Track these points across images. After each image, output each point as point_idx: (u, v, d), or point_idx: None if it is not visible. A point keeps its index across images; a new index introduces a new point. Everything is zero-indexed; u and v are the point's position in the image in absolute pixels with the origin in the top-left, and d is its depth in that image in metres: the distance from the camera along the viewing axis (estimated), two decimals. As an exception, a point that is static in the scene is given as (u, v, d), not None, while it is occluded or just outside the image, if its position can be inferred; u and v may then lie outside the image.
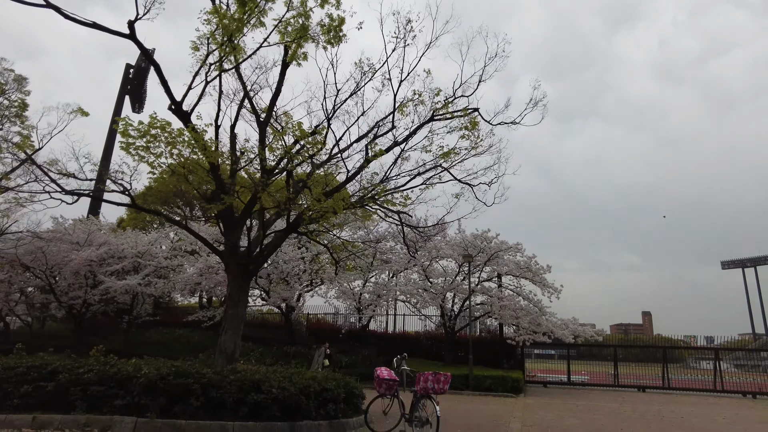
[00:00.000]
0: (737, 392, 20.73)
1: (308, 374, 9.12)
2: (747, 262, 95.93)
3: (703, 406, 16.10)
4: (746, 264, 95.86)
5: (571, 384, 22.10)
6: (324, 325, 24.73)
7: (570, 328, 19.42)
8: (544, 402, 15.37)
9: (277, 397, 7.93)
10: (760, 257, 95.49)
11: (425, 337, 23.45)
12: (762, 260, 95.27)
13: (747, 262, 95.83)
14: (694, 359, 35.79)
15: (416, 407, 7.84)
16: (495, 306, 19.32)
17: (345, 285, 21.44)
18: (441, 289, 20.38)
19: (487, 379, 17.55)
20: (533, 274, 19.23)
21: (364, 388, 10.64)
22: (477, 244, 19.56)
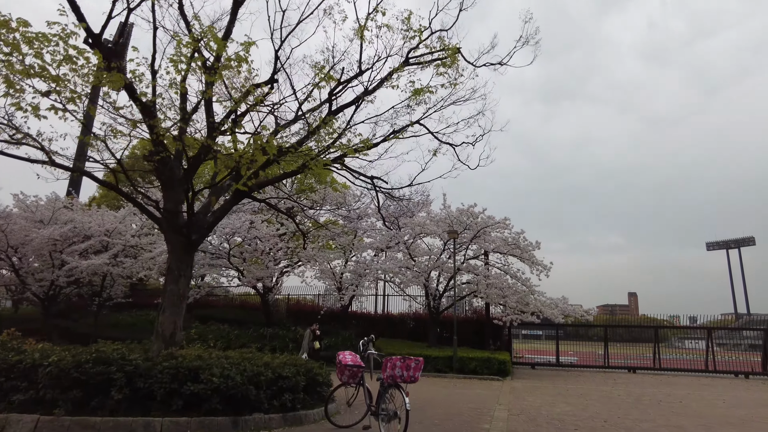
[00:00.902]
0: (729, 372, 19.82)
1: (263, 360, 7.78)
2: (731, 243, 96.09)
3: (698, 387, 15.08)
4: (730, 245, 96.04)
5: (560, 365, 21.07)
6: (305, 307, 23.45)
7: (559, 307, 18.27)
8: (532, 385, 14.23)
9: (219, 387, 6.60)
10: (744, 238, 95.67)
11: (409, 318, 22.24)
12: (745, 241, 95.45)
13: (731, 244, 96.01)
14: (678, 338, 35.19)
15: (383, 398, 6.55)
16: (481, 285, 18.09)
17: (325, 265, 20.10)
18: (425, 268, 19.10)
19: (472, 362, 16.39)
20: (521, 251, 17.98)
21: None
22: (462, 220, 18.25)
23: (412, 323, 21.99)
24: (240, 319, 22.36)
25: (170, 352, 7.15)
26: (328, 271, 20.20)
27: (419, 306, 22.45)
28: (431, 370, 16.53)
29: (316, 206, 22.22)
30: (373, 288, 23.45)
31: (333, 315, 22.49)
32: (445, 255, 19.50)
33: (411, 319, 22.13)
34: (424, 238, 20.48)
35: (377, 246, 19.69)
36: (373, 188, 9.98)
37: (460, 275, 19.70)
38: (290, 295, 25.58)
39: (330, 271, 20.21)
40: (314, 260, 19.23)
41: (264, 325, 20.62)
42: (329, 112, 8.42)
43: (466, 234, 19.16)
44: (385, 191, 10.05)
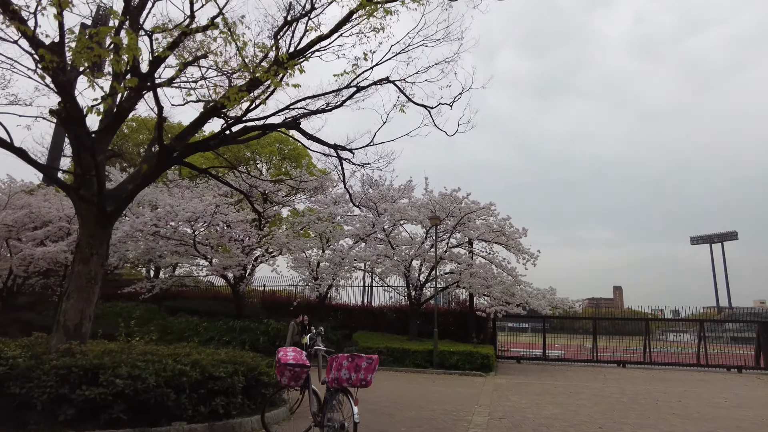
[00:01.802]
0: (720, 366, 18.73)
1: (192, 357, 6.35)
2: (714, 237, 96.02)
3: (693, 384, 13.91)
4: (714, 240, 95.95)
5: (547, 359, 19.86)
6: (280, 298, 21.99)
7: (546, 298, 17.01)
8: (518, 382, 12.94)
9: (124, 391, 5.17)
10: (727, 233, 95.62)
11: (390, 310, 20.89)
12: (728, 236, 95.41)
13: (714, 238, 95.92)
14: (662, 331, 34.34)
15: (330, 406, 5.16)
16: (464, 274, 16.77)
17: (300, 253, 18.64)
18: (406, 257, 17.74)
19: (454, 356, 15.08)
20: (507, 238, 16.66)
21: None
22: (445, 206, 16.86)
23: (393, 315, 20.65)
24: (212, 310, 20.86)
25: (69, 347, 5.69)
26: (304, 261, 18.75)
27: (401, 297, 21.09)
28: (410, 365, 15.22)
29: (292, 192, 20.78)
30: (353, 279, 22.08)
31: (309, 306, 21.09)
32: (427, 243, 18.16)
33: (392, 311, 20.78)
34: (406, 226, 19.13)
35: (356, 234, 18.25)
36: (334, 155, 8.55)
37: (443, 265, 18.38)
38: (266, 286, 24.13)
39: (305, 261, 18.76)
40: (287, 248, 17.77)
41: (235, 318, 19.18)
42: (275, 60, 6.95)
43: (450, 221, 17.82)
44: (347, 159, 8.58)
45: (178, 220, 16.25)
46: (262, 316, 19.98)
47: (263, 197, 19.76)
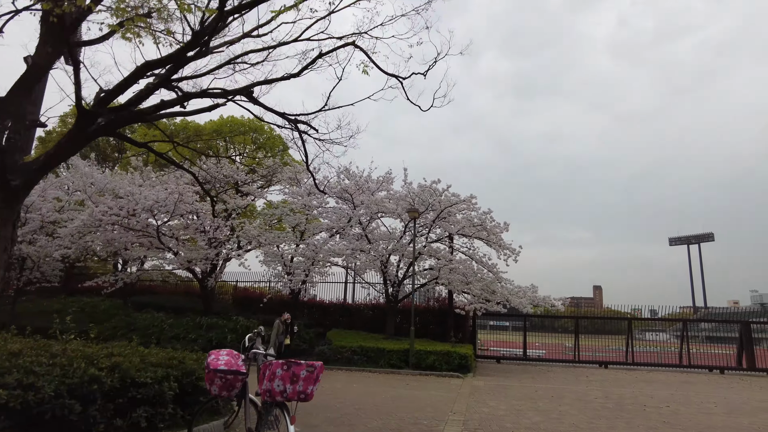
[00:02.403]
0: (702, 367, 18.17)
1: (114, 359, 5.31)
2: (692, 239, 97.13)
3: (678, 386, 13.23)
4: (691, 241, 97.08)
5: (528, 359, 19.11)
6: (252, 294, 20.86)
7: (528, 296, 16.23)
8: (497, 385, 12.10)
9: (8, 405, 4.13)
10: (704, 234, 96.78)
11: (367, 307, 19.94)
12: (705, 237, 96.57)
13: (692, 239, 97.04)
14: (640, 330, 34.03)
15: (266, 422, 4.19)
16: (443, 270, 15.90)
17: (272, 248, 17.56)
18: (383, 252, 16.81)
19: (430, 356, 14.19)
20: (488, 233, 15.83)
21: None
22: (424, 198, 15.96)
23: (370, 313, 19.69)
24: (180, 306, 19.68)
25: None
26: (276, 255, 17.67)
27: (378, 294, 20.16)
28: (384, 366, 14.29)
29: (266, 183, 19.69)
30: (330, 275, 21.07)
31: (283, 303, 20.03)
32: (406, 238, 17.25)
33: (369, 309, 19.83)
34: (384, 220, 18.22)
35: (331, 227, 17.24)
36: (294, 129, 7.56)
37: (422, 261, 17.50)
38: (238, 281, 22.98)
39: (278, 255, 17.68)
40: (257, 241, 16.69)
41: (203, 314, 18.06)
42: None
43: (429, 215, 16.94)
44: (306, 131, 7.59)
45: (139, 208, 15.05)
46: (232, 312, 18.90)
47: (235, 188, 18.65)
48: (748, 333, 17.88)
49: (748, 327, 17.94)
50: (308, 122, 7.32)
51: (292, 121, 7.24)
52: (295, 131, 7.47)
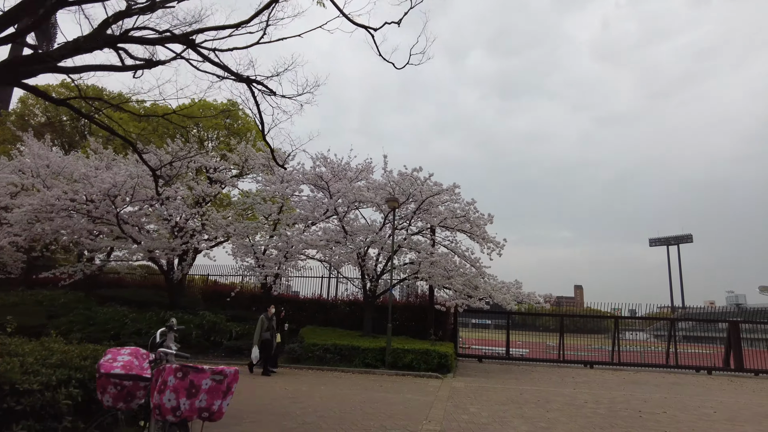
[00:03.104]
0: (689, 367, 17.47)
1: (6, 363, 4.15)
2: (671, 240, 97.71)
3: (669, 388, 12.40)
4: (670, 242, 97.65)
5: (510, 358, 18.20)
6: (222, 288, 19.58)
7: (512, 292, 15.30)
8: (478, 386, 11.10)
9: None
10: (683, 236, 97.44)
11: (344, 303, 18.82)
12: (684, 239, 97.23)
13: (671, 240, 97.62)
14: (620, 330, 33.51)
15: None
16: (424, 264, 14.88)
17: (243, 239, 16.35)
18: (361, 244, 15.73)
19: (408, 354, 13.16)
20: (472, 225, 14.83)
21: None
22: (405, 187, 14.90)
23: (347, 309, 18.59)
24: (147, 300, 18.39)
25: None
26: (247, 247, 16.45)
27: (357, 289, 19.06)
28: (359, 365, 13.23)
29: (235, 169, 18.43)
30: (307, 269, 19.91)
31: (254, 298, 18.84)
32: (386, 230, 16.17)
33: (346, 304, 18.72)
34: (364, 212, 17.15)
35: (305, 216, 16.05)
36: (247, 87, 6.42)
37: (403, 254, 16.46)
38: (210, 275, 21.70)
39: (249, 247, 16.47)
40: (225, 231, 15.46)
41: (167, 308, 16.80)
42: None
43: (410, 205, 15.91)
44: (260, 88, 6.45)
45: (95, 192, 13.72)
46: (200, 307, 17.67)
47: (205, 175, 17.37)
48: (736, 333, 17.21)
49: (736, 327, 17.27)
50: (264, 82, 6.21)
51: (245, 80, 6.12)
52: (248, 91, 6.34)
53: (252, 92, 6.40)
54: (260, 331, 11.98)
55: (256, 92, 6.36)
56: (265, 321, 12.16)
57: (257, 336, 11.91)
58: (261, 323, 12.07)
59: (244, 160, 17.44)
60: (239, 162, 17.47)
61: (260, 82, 6.23)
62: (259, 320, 12.15)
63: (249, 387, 9.31)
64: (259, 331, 11.96)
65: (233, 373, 2.89)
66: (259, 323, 12.06)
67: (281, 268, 16.39)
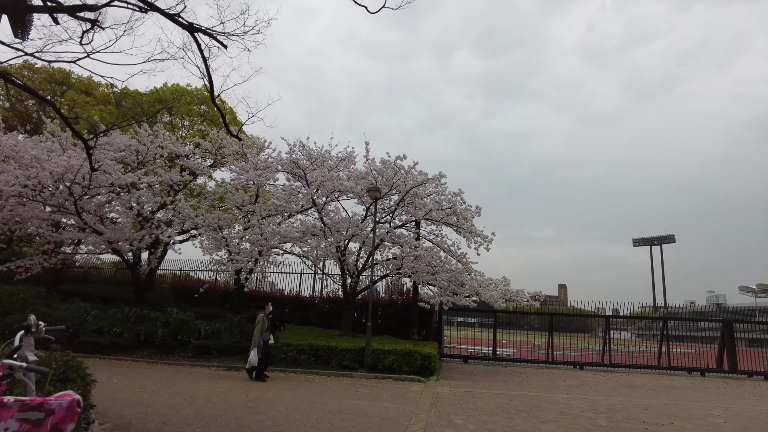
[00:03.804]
0: (682, 369, 16.68)
1: None
2: (654, 240, 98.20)
3: (667, 393, 11.51)
4: (654, 242, 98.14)
5: (497, 359, 17.24)
6: (193, 284, 18.35)
7: (500, 289, 14.32)
8: (463, 392, 10.07)
9: None
10: (666, 236, 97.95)
11: (323, 300, 17.70)
12: (667, 239, 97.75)
13: (654, 241, 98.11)
14: (602, 329, 32.84)
15: None
16: (407, 259, 13.84)
17: (214, 232, 15.12)
18: (340, 237, 14.62)
19: (389, 356, 12.08)
20: (458, 217, 13.79)
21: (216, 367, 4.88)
22: (388, 176, 13.81)
23: (326, 306, 17.48)
24: (112, 296, 17.11)
25: None
26: (218, 239, 15.22)
27: (337, 285, 17.94)
28: (336, 367, 12.12)
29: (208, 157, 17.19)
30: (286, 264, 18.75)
31: (227, 295, 17.65)
32: (368, 223, 15.06)
33: (325, 302, 17.60)
34: (345, 204, 16.03)
35: (282, 207, 14.84)
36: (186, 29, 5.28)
37: (385, 249, 15.39)
38: (182, 270, 20.43)
39: (220, 239, 15.24)
40: (192, 221, 14.23)
41: (133, 305, 15.53)
42: None
43: (393, 197, 14.85)
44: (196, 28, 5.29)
45: (48, 177, 12.41)
46: (168, 304, 16.40)
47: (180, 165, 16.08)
48: (730, 333, 16.45)
49: (730, 326, 16.51)
50: (213, 32, 5.08)
51: (189, 27, 5.00)
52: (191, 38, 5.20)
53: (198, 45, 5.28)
54: (260, 331, 10.57)
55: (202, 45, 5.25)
56: (265, 321, 10.79)
57: (257, 337, 10.46)
58: (261, 323, 10.67)
59: (218, 148, 16.21)
60: (212, 149, 16.23)
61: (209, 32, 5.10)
62: (258, 320, 10.73)
63: (215, 393, 8.17)
64: (260, 332, 10.54)
65: (65, 407, 1.79)
66: (259, 322, 10.65)
67: (257, 264, 15.24)
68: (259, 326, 10.63)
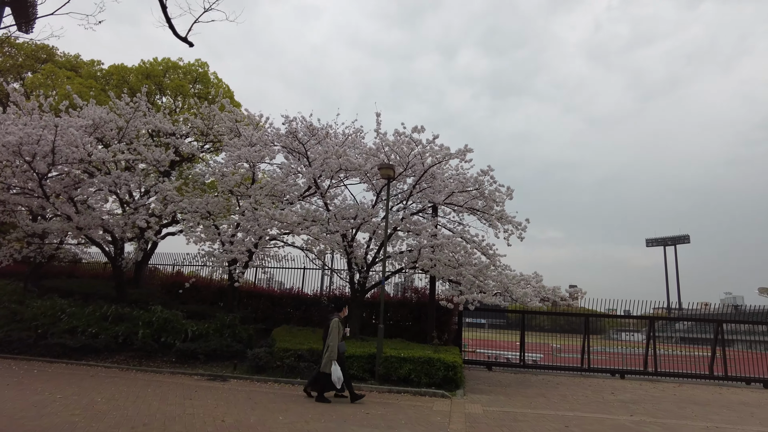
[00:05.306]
0: (739, 378, 14.26)
1: None
2: (668, 240, 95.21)
3: (747, 412, 9.23)
4: (667, 242, 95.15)
5: (525, 366, 14.98)
6: (185, 279, 16.26)
7: (533, 285, 12.06)
8: (502, 413, 7.86)
9: None
10: (680, 236, 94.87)
11: (328, 298, 15.53)
12: (681, 239, 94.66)
13: (668, 241, 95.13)
14: (615, 330, 30.47)
15: None
16: (425, 251, 11.66)
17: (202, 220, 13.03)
18: (347, 225, 12.49)
19: (405, 364, 9.90)
20: (487, 201, 11.56)
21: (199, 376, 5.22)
22: (402, 153, 11.59)
23: (331, 305, 15.31)
24: (92, 292, 15.14)
25: None
26: (209, 228, 13.12)
27: (344, 282, 15.80)
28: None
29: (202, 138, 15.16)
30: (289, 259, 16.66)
31: (221, 291, 15.57)
32: (379, 212, 12.89)
33: (330, 300, 15.44)
34: (352, 188, 13.86)
35: (281, 191, 12.70)
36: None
37: (398, 240, 13.23)
38: (175, 264, 18.40)
39: (211, 228, 13.13)
40: (177, 207, 12.15)
41: (114, 302, 13.53)
42: None
43: (408, 178, 12.68)
44: None
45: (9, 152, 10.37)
46: (155, 301, 14.33)
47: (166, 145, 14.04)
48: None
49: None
50: None
51: None
52: None
53: None
54: (338, 338, 8.20)
55: None
56: (341, 327, 8.38)
57: (333, 346, 8.10)
58: (337, 328, 8.22)
59: (210, 127, 14.16)
60: (203, 128, 14.18)
61: None
62: (332, 326, 8.27)
63: (180, 417, 6.05)
64: (336, 340, 8.13)
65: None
66: (335, 328, 8.24)
67: (253, 257, 13.16)
68: (334, 334, 8.14)
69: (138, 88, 15.29)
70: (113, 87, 15.84)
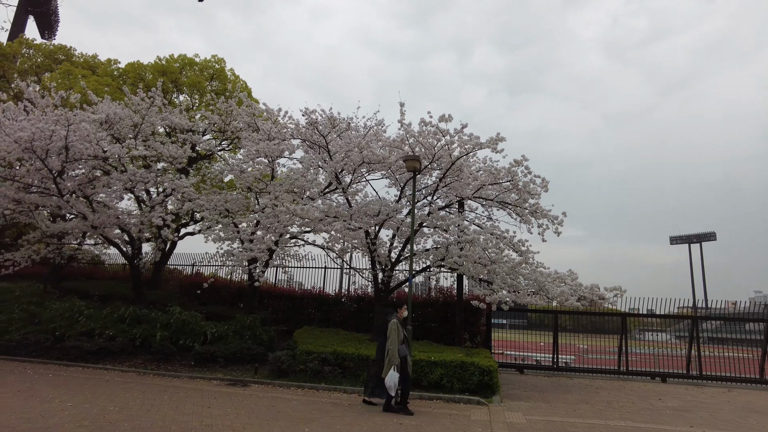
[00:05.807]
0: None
1: None
2: (693, 238, 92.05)
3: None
4: (692, 240, 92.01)
5: (558, 369, 14.14)
6: (203, 280, 15.80)
7: (568, 284, 11.24)
8: (547, 423, 7.10)
9: None
10: (705, 233, 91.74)
11: (350, 299, 14.88)
12: (707, 236, 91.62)
13: (693, 238, 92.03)
14: (639, 330, 29.26)
15: None
16: (453, 248, 10.94)
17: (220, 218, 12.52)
18: (370, 222, 11.85)
19: (436, 368, 9.20)
20: (520, 193, 10.77)
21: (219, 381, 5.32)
22: (428, 144, 10.88)
23: (353, 306, 14.67)
24: (111, 293, 14.81)
25: None
26: (227, 226, 12.59)
27: (367, 282, 15.13)
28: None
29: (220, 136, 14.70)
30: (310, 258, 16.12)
31: (240, 291, 15.06)
32: (402, 206, 12.20)
33: (352, 300, 14.79)
34: (374, 184, 13.22)
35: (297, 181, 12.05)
36: None
37: (423, 237, 12.53)
38: (195, 264, 17.99)
39: (230, 226, 12.61)
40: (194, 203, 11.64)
41: (132, 303, 13.12)
42: None
43: (434, 173, 11.98)
44: None
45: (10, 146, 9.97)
46: (173, 302, 13.89)
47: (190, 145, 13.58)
48: None
49: None
50: None
51: None
52: None
53: None
54: (398, 342, 7.43)
55: None
56: (400, 329, 7.60)
57: (394, 349, 7.36)
58: (396, 329, 7.55)
59: (227, 123, 13.66)
60: (220, 124, 13.69)
61: None
62: (391, 328, 7.57)
63: (196, 429, 5.49)
64: (397, 342, 7.39)
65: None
66: (394, 329, 7.53)
67: (273, 255, 12.62)
68: (393, 336, 7.40)
69: (154, 85, 14.90)
70: (129, 84, 15.49)
